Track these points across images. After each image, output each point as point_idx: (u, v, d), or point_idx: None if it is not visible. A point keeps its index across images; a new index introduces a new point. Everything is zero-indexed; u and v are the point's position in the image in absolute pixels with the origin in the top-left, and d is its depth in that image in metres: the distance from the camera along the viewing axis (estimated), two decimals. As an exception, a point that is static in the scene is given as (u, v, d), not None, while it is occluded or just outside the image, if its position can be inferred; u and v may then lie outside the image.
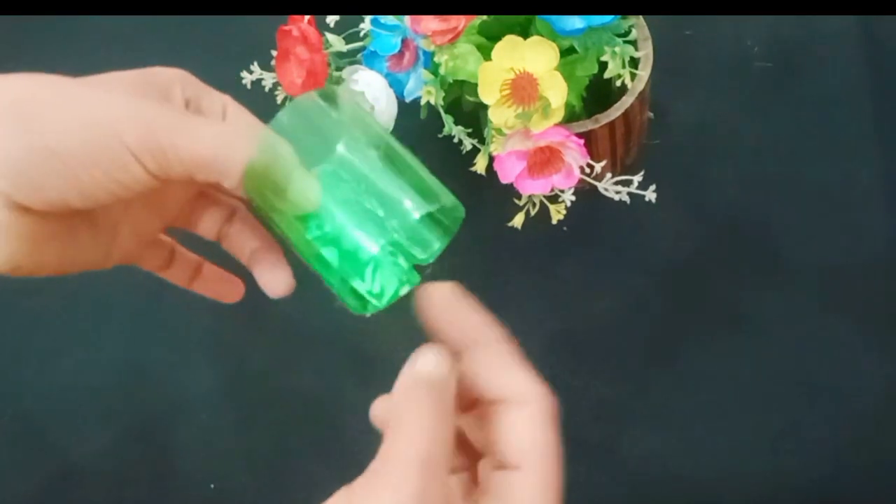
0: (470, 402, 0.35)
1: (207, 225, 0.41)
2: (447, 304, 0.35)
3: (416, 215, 0.35)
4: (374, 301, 0.36)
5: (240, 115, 0.38)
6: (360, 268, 0.35)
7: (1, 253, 0.33)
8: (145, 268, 0.42)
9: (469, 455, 0.37)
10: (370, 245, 0.35)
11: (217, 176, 0.34)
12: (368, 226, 0.35)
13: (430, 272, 0.37)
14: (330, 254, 0.35)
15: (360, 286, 0.36)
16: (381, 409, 0.37)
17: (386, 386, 0.34)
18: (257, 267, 0.39)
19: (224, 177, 0.34)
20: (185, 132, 0.33)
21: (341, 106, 0.37)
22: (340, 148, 0.36)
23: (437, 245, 0.37)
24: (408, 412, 0.32)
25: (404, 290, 0.36)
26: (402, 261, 0.36)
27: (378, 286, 0.36)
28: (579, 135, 0.53)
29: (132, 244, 0.40)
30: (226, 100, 0.38)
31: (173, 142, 0.33)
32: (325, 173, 0.35)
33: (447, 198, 0.36)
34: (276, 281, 0.39)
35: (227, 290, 0.44)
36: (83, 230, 0.37)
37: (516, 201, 0.55)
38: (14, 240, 0.33)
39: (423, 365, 0.33)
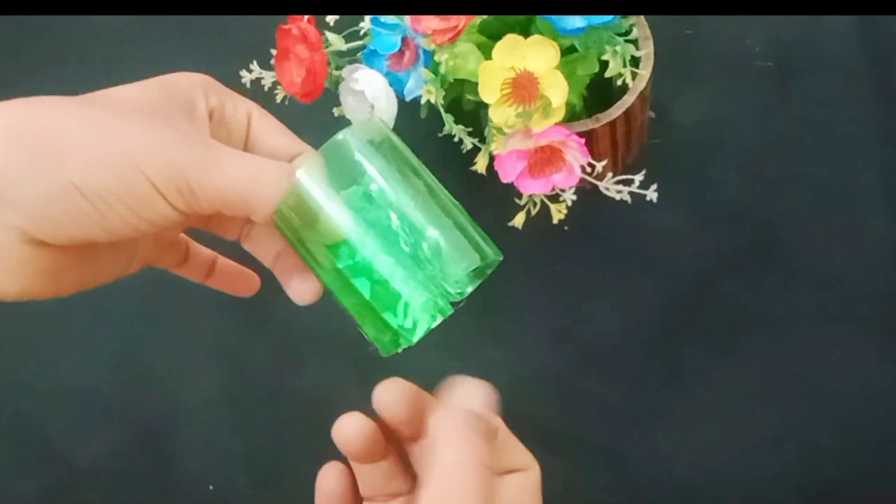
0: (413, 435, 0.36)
1: (228, 226, 0.39)
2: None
3: (464, 270, 0.34)
4: (405, 335, 0.35)
5: (266, 125, 0.37)
6: (392, 300, 0.34)
7: (17, 285, 0.32)
8: (160, 266, 0.41)
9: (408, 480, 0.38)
10: (403, 276, 0.33)
11: (245, 212, 0.34)
12: (401, 256, 0.34)
13: (463, 304, 0.35)
14: (362, 284, 0.34)
15: (392, 320, 0.34)
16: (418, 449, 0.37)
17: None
18: (284, 274, 0.38)
19: (253, 213, 0.34)
20: (213, 169, 0.32)
21: (384, 138, 0.36)
22: (374, 174, 0.34)
23: (469, 280, 0.35)
24: (454, 449, 0.32)
25: (436, 324, 0.35)
26: (434, 293, 0.35)
27: (410, 321, 0.34)
28: (580, 134, 0.53)
29: (152, 252, 0.39)
30: (250, 106, 0.37)
31: (200, 180, 0.32)
32: (356, 196, 0.34)
33: (488, 246, 0.35)
34: (304, 288, 0.37)
35: (242, 285, 0.44)
36: (103, 253, 0.35)
37: (517, 201, 0.55)
38: (31, 274, 0.32)
39: (462, 398, 0.34)
